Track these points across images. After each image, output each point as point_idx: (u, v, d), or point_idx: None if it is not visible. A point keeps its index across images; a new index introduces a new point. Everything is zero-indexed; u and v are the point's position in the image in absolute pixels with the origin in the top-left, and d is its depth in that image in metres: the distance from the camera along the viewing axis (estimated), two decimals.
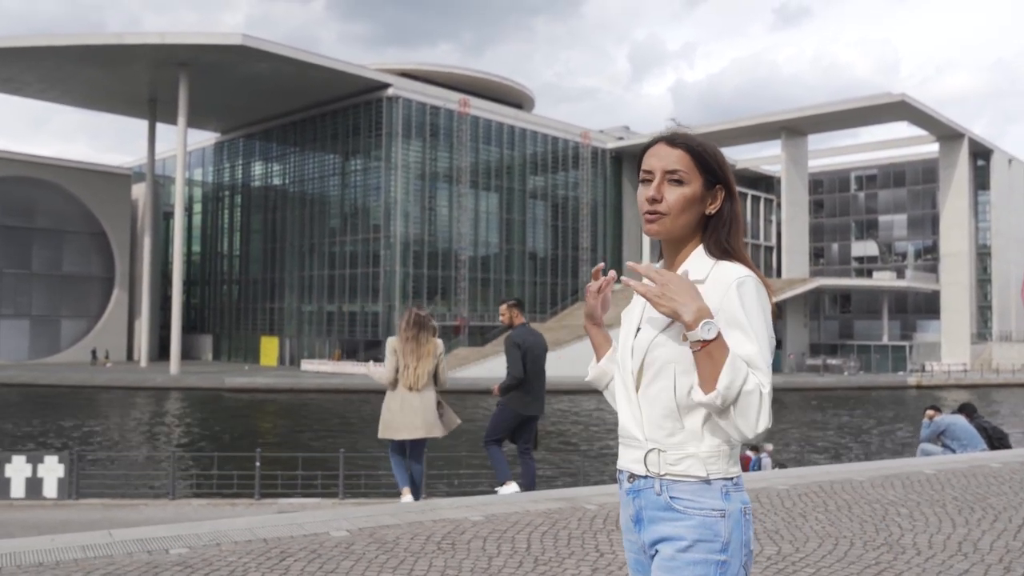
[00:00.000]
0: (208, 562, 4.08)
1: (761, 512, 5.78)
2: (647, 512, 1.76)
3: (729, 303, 1.73)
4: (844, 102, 53.68)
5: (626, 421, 1.83)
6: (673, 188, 1.81)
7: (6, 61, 48.45)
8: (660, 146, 1.86)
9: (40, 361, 57.22)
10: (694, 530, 1.70)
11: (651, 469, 1.75)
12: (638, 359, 1.80)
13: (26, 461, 16.87)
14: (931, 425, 10.17)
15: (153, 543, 4.39)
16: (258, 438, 27.54)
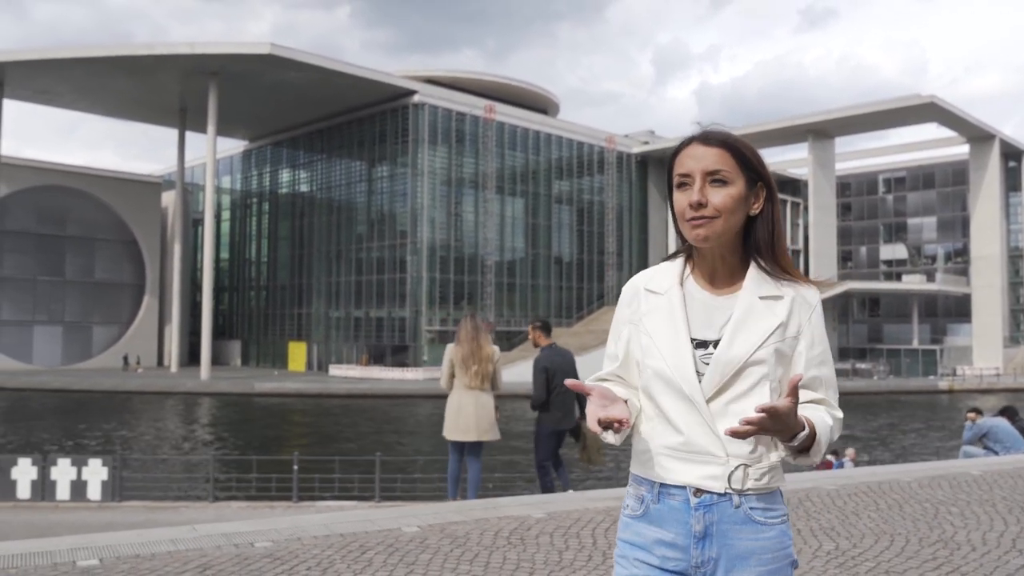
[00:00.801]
0: (294, 554, 4.26)
1: (815, 510, 5.87)
2: (720, 526, 1.70)
3: (812, 326, 1.75)
4: (872, 104, 53.34)
5: (695, 436, 1.71)
6: (717, 189, 1.72)
7: (40, 72, 49.37)
8: (695, 146, 1.76)
9: (73, 367, 58.12)
10: (775, 540, 1.71)
11: (734, 486, 1.70)
12: (723, 373, 1.71)
13: (71, 464, 17.23)
14: (973, 427, 10.18)
15: (237, 537, 4.58)
16: (291, 442, 27.85)
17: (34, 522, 15.67)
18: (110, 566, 4.02)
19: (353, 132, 56.97)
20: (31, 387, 46.27)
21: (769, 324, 1.72)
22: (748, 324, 1.73)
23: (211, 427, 32.71)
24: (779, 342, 1.72)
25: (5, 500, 16.92)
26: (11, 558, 4.12)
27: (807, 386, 1.73)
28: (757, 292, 1.75)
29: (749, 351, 1.70)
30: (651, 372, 1.78)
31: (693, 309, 1.78)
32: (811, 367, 1.73)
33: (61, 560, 4.10)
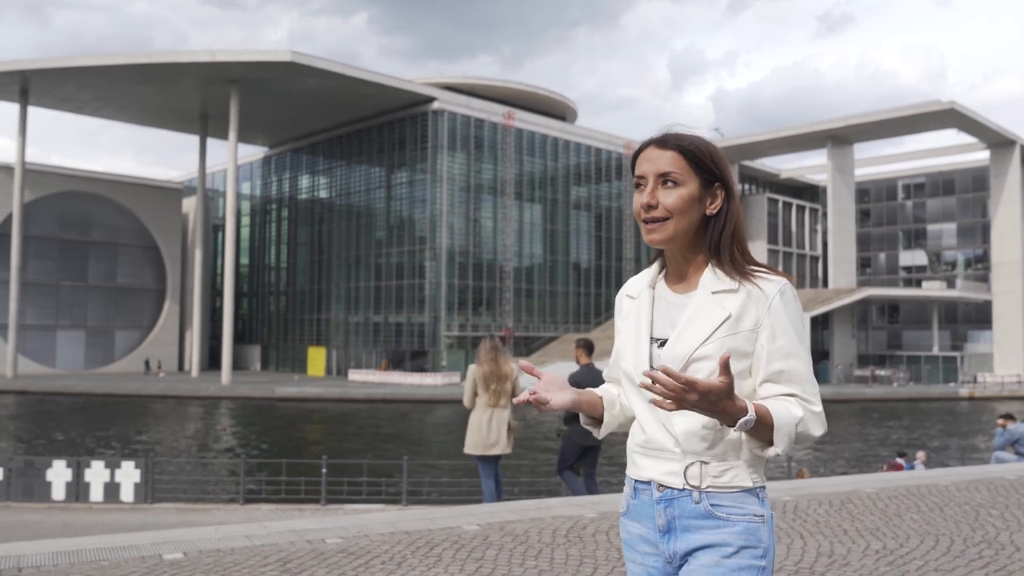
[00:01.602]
0: (365, 549, 4.46)
1: (857, 512, 6.01)
2: (682, 521, 1.71)
3: (773, 317, 1.70)
4: (892, 110, 53.20)
5: (654, 432, 1.75)
6: (668, 191, 1.76)
7: (63, 80, 50.08)
8: (650, 149, 1.80)
9: (95, 371, 58.76)
10: (739, 536, 1.67)
11: (691, 482, 1.70)
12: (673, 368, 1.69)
13: (104, 466, 17.52)
14: (1004, 434, 10.26)
15: (308, 534, 4.78)
16: (315, 446, 28.10)
17: (69, 523, 15.96)
18: (195, 559, 4.23)
19: (372, 138, 57.37)
20: (56, 391, 46.83)
21: (717, 318, 1.71)
22: (696, 320, 1.73)
23: (235, 431, 33.03)
24: (728, 336, 1.70)
25: (41, 501, 17.26)
26: (101, 551, 4.33)
27: (773, 379, 1.71)
28: (711, 288, 1.75)
29: (693, 347, 1.71)
30: (622, 374, 1.85)
31: (659, 309, 1.82)
32: (774, 360, 1.69)
33: (147, 554, 4.31)
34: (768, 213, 64.60)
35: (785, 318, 1.71)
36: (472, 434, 7.73)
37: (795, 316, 1.72)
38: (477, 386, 7.71)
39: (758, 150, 62.23)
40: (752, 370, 1.73)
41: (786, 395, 1.69)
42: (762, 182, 72.20)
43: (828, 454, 25.93)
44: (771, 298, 1.71)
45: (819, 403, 1.71)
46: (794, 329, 1.71)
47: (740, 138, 60.64)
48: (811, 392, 1.70)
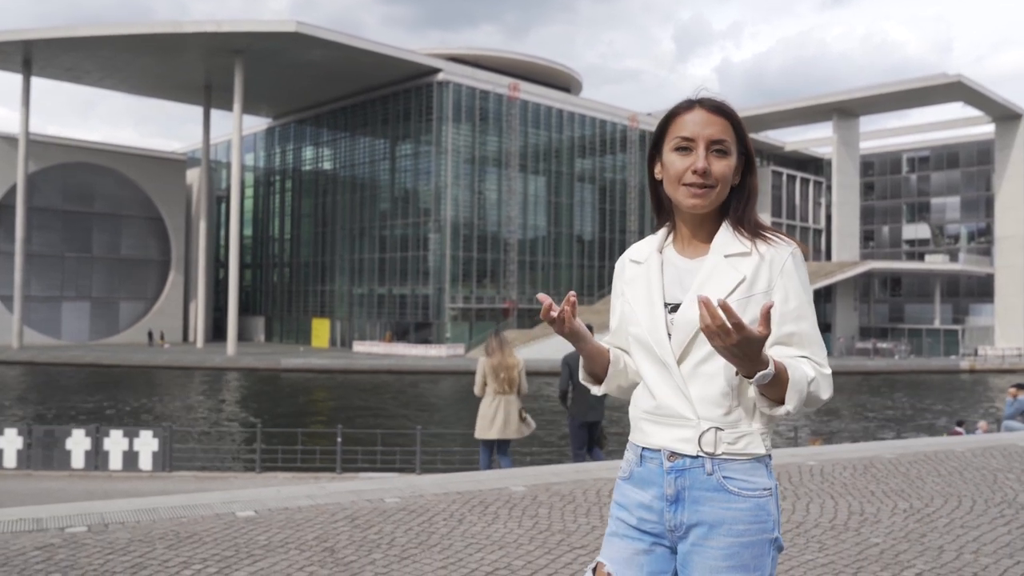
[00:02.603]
0: (424, 508, 4.71)
1: (880, 475, 6.27)
2: (692, 492, 1.69)
3: (785, 279, 1.71)
4: (898, 83, 53.06)
5: (667, 399, 1.73)
6: (718, 159, 1.73)
7: (67, 50, 49.86)
8: (699, 111, 1.76)
9: (100, 342, 59.08)
10: (750, 512, 1.67)
11: (706, 449, 1.68)
12: (686, 333, 1.71)
13: (123, 435, 17.83)
14: (1015, 403, 10.52)
15: (365, 494, 5.04)
16: (324, 416, 28.46)
17: (91, 490, 16.30)
18: (267, 516, 4.48)
19: (377, 110, 57.23)
20: (62, 361, 47.17)
21: (731, 280, 1.71)
22: (710, 283, 1.72)
23: (243, 402, 33.39)
24: (744, 298, 1.69)
25: (61, 469, 17.59)
26: (177, 509, 4.58)
27: (784, 342, 1.70)
28: (723, 251, 1.75)
29: None
30: (631, 339, 1.82)
31: (669, 274, 1.81)
32: (786, 322, 1.70)
33: (222, 511, 4.55)
34: (772, 186, 64.63)
35: (797, 280, 1.72)
36: (483, 419, 8.27)
37: (805, 280, 1.75)
38: (487, 376, 8.18)
39: (764, 122, 62.09)
40: None
41: (797, 356, 1.69)
42: (767, 154, 72.10)
43: (833, 428, 26.30)
44: (784, 261, 1.72)
45: (828, 366, 1.71)
46: (805, 292, 1.73)
47: (746, 110, 60.46)
48: (820, 355, 1.71)
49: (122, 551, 3.85)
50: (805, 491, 5.64)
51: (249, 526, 4.32)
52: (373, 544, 4.05)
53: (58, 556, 3.75)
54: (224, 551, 3.89)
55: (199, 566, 3.66)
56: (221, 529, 4.25)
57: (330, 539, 4.11)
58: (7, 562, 3.66)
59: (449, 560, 3.83)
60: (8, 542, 3.96)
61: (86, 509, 4.54)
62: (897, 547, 4.32)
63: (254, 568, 3.65)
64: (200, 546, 3.97)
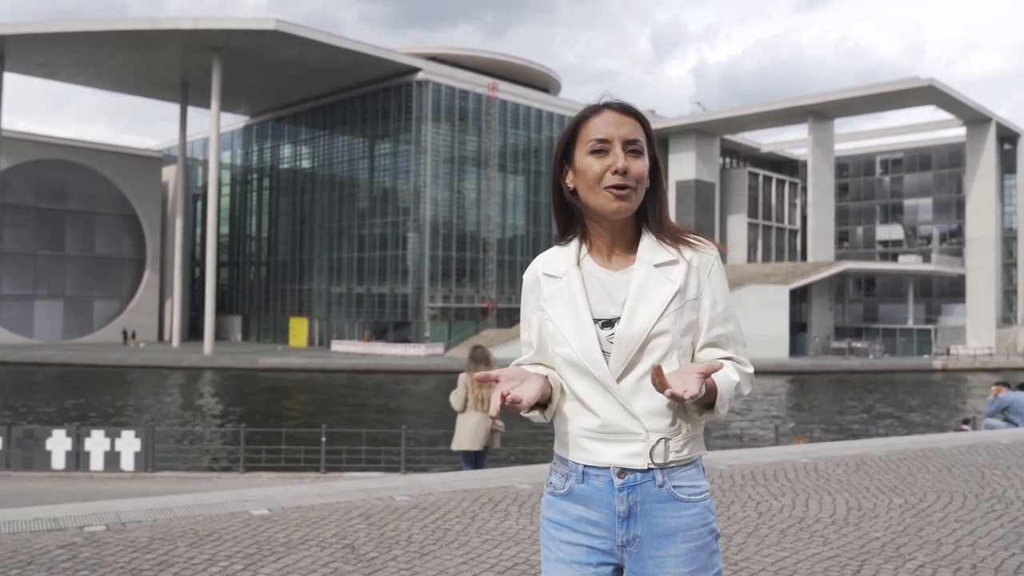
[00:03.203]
0: (436, 506, 4.79)
1: (873, 472, 6.44)
2: (644, 506, 1.70)
3: (712, 283, 1.74)
4: (872, 86, 53.77)
5: (613, 417, 1.70)
6: (635, 159, 1.72)
7: (42, 46, 49.23)
8: (610, 113, 1.74)
9: (73, 341, 58.39)
10: (699, 516, 1.71)
11: (656, 461, 1.68)
12: (628, 349, 1.69)
13: (105, 435, 17.67)
14: (995, 401, 10.76)
15: (376, 492, 5.11)
16: (301, 417, 28.37)
17: (72, 491, 16.16)
18: (281, 515, 4.54)
19: (356, 108, 57.06)
20: (34, 361, 46.60)
21: (667, 292, 1.70)
22: (646, 296, 1.70)
23: (222, 402, 33.19)
24: (679, 308, 1.70)
25: (41, 470, 17.41)
26: (191, 508, 4.62)
27: (712, 344, 1.74)
28: (652, 260, 1.73)
29: (650, 323, 1.68)
30: (560, 359, 1.76)
31: (593, 288, 1.76)
32: (715, 325, 1.74)
33: (236, 510, 4.60)
34: (749, 187, 65.22)
35: (723, 283, 1.76)
36: (461, 433, 8.51)
37: (725, 279, 1.79)
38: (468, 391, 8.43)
39: (740, 124, 62.65)
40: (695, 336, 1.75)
41: (723, 358, 1.73)
42: (743, 156, 72.75)
43: (813, 424, 26.62)
44: (710, 265, 1.75)
45: (750, 363, 1.76)
46: (728, 294, 1.78)
47: (723, 112, 61.00)
48: (743, 353, 1.76)
49: (145, 549, 3.90)
50: (802, 487, 5.78)
51: (266, 524, 4.37)
52: (392, 541, 4.12)
53: (83, 555, 3.79)
54: (246, 548, 3.95)
55: (224, 563, 3.72)
56: (239, 527, 4.31)
57: (348, 536, 4.18)
58: (33, 560, 3.69)
59: (468, 556, 3.91)
60: (30, 541, 3.99)
61: (102, 508, 4.56)
62: (897, 541, 4.46)
63: (279, 565, 3.71)
64: (222, 544, 4.02)
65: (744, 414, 28.61)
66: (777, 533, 4.57)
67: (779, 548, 4.28)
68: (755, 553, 4.18)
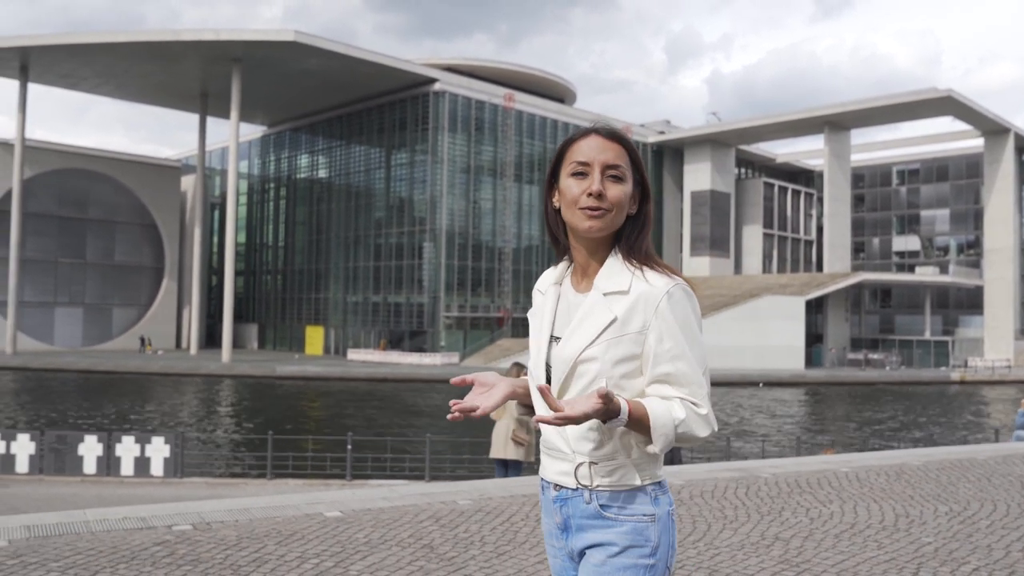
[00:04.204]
0: (498, 510, 5.01)
1: (914, 480, 6.58)
2: (575, 520, 1.74)
3: (660, 320, 1.69)
4: (890, 96, 53.78)
5: (548, 434, 1.77)
6: (613, 184, 1.74)
7: (65, 57, 49.92)
8: (594, 138, 1.78)
9: (93, 348, 58.91)
10: (625, 536, 1.69)
11: (582, 482, 1.71)
12: (561, 370, 1.74)
13: (135, 441, 17.92)
14: None
15: (438, 496, 5.31)
16: (321, 424, 28.59)
17: (103, 495, 16.43)
18: (353, 517, 4.74)
19: (373, 119, 57.49)
20: (56, 367, 47.05)
21: (603, 321, 1.71)
22: (585, 322, 1.74)
23: (243, 409, 33.47)
24: (615, 338, 1.70)
25: (73, 474, 17.67)
26: (268, 509, 4.82)
27: (659, 381, 1.71)
28: (603, 288, 1.75)
29: (579, 349, 1.72)
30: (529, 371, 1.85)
31: (561, 308, 1.82)
32: (661, 363, 1.69)
33: (310, 512, 4.80)
34: (764, 197, 65.25)
35: (672, 320, 1.70)
36: (493, 441, 8.94)
37: (684, 317, 1.71)
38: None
39: (755, 135, 62.74)
40: (642, 370, 1.73)
41: (668, 396, 1.69)
42: (758, 166, 72.79)
43: (829, 435, 26.64)
44: (658, 301, 1.70)
45: (707, 405, 1.70)
46: (682, 331, 1.70)
47: (739, 122, 61.11)
48: (699, 394, 1.69)
49: (236, 547, 4.10)
50: (848, 495, 5.94)
51: (343, 525, 4.57)
52: (467, 542, 4.31)
53: (180, 551, 3.99)
54: (331, 547, 4.14)
55: (315, 560, 3.91)
56: (317, 528, 4.50)
57: (424, 537, 4.37)
58: (135, 556, 3.90)
59: (542, 556, 4.09)
60: (125, 539, 4.20)
61: (184, 509, 4.77)
62: (948, 546, 4.61)
63: (367, 562, 3.90)
64: (307, 543, 4.22)
65: (764, 425, 28.65)
66: (831, 538, 4.72)
67: (836, 551, 4.44)
68: (814, 556, 4.35)
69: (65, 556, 3.87)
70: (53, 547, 4.02)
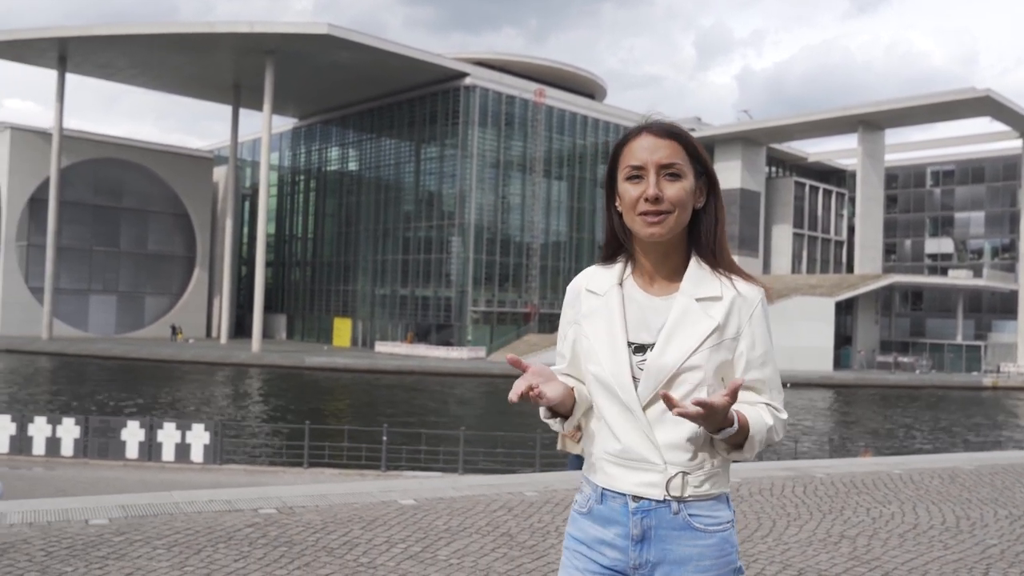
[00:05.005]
0: (565, 502, 5.15)
1: (969, 484, 6.63)
2: (658, 531, 1.69)
3: (753, 326, 1.71)
4: (926, 96, 53.15)
5: (634, 444, 1.69)
6: (671, 183, 1.68)
7: (103, 47, 50.64)
8: (646, 137, 1.71)
9: (125, 335, 59.79)
10: (716, 547, 1.69)
11: (673, 493, 1.67)
12: (658, 378, 1.68)
13: (176, 428, 18.28)
14: None
15: (505, 488, 5.47)
16: (352, 415, 28.88)
17: (146, 480, 16.77)
18: (427, 505, 4.89)
19: (403, 112, 57.76)
20: (91, 354, 47.85)
21: (705, 328, 1.68)
22: (683, 328, 1.69)
23: (276, 398, 33.86)
24: (715, 345, 1.68)
25: (116, 459, 18.05)
26: (345, 495, 4.98)
27: (750, 387, 1.72)
28: (694, 293, 1.71)
29: (683, 357, 1.67)
30: (591, 377, 1.76)
31: (631, 311, 1.75)
32: (752, 368, 1.71)
33: (385, 499, 4.96)
34: (795, 196, 64.80)
35: (764, 327, 1.73)
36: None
37: (768, 324, 1.75)
38: None
39: (787, 133, 62.28)
40: (727, 375, 1.72)
41: (758, 402, 1.71)
42: (789, 165, 72.29)
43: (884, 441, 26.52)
44: (753, 308, 1.72)
45: (784, 409, 1.75)
46: (770, 338, 1.74)
47: (770, 120, 60.71)
48: (778, 399, 1.74)
49: (323, 530, 4.26)
50: (906, 496, 6.00)
51: (420, 513, 4.72)
52: (543, 531, 4.44)
53: (271, 533, 4.16)
54: (414, 533, 4.29)
55: (403, 545, 4.06)
56: (395, 515, 4.66)
57: (500, 526, 4.51)
58: (231, 536, 4.07)
59: None
60: (217, 520, 4.37)
61: (265, 494, 4.95)
62: (1015, 548, 4.68)
63: (452, 548, 4.05)
64: (390, 528, 4.37)
65: (794, 424, 28.56)
66: (896, 537, 4.80)
67: (903, 551, 4.52)
68: (882, 554, 4.43)
69: (165, 535, 4.05)
70: (151, 526, 4.20)
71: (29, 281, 56.39)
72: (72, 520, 4.24)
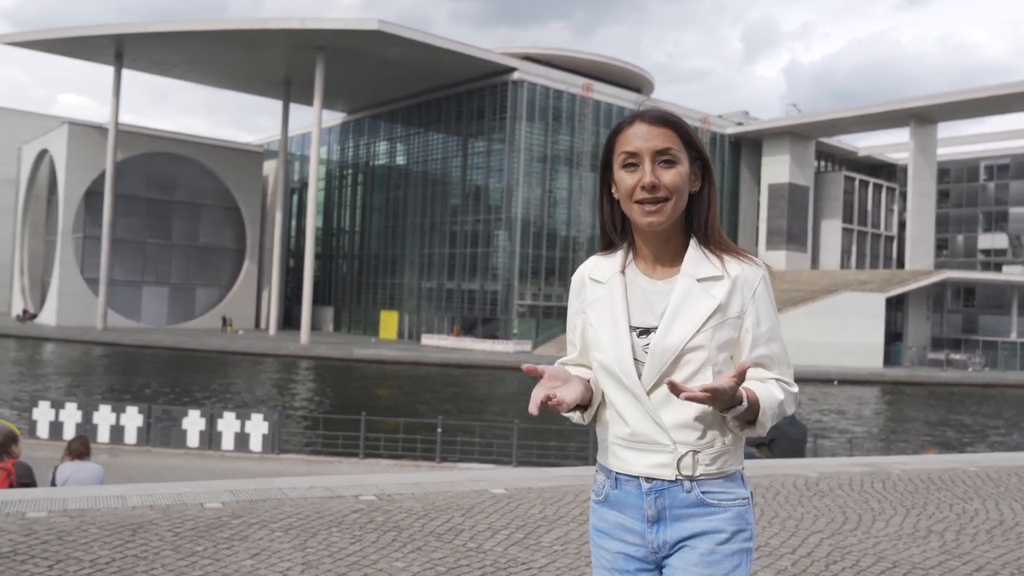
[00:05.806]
0: None
1: (1013, 484, 6.59)
2: (673, 511, 1.70)
3: (757, 303, 1.73)
4: (981, 89, 52.01)
5: (641, 427, 1.71)
6: (666, 170, 1.71)
7: (158, 44, 51.71)
8: (639, 125, 1.74)
9: (176, 326, 61.11)
10: (731, 522, 1.69)
11: (684, 473, 1.69)
12: (661, 360, 1.70)
13: (236, 418, 18.70)
14: None
15: (582, 479, 5.56)
16: (402, 407, 29.23)
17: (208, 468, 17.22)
18: (517, 495, 5.05)
19: (451, 107, 58.08)
20: (144, 344, 49.00)
21: (707, 307, 1.70)
22: (685, 309, 1.71)
23: (325, 389, 34.38)
24: (718, 324, 1.70)
25: (177, 447, 18.54)
26: (438, 484, 5.16)
27: (758, 364, 1.73)
28: (695, 274, 1.74)
29: (686, 338, 1.69)
30: (597, 364, 1.79)
31: (634, 296, 1.78)
32: (759, 345, 1.73)
33: (477, 488, 5.12)
34: (844, 191, 63.84)
35: (768, 303, 1.75)
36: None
37: (772, 300, 1.77)
38: None
39: (837, 127, 61.37)
40: (735, 353, 1.74)
41: (768, 378, 1.73)
42: (838, 159, 71.21)
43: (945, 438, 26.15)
44: (755, 285, 1.74)
45: (795, 383, 1.77)
46: (774, 313, 1.76)
47: (819, 114, 59.89)
48: (788, 373, 1.76)
49: (425, 517, 4.43)
50: (987, 493, 6.01)
51: (513, 502, 4.87)
52: None
53: (377, 519, 4.35)
54: (513, 521, 4.45)
55: (507, 532, 4.22)
56: (490, 503, 4.82)
57: None
58: (340, 521, 4.26)
59: None
60: (323, 505, 4.58)
61: (362, 481, 5.15)
62: None
63: (554, 536, 4.19)
64: (488, 516, 4.53)
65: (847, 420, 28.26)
66: (984, 533, 4.84)
67: (993, 546, 4.56)
68: (972, 549, 4.48)
69: (279, 519, 4.26)
70: (263, 510, 4.41)
71: (84, 272, 57.91)
72: (188, 504, 4.47)
